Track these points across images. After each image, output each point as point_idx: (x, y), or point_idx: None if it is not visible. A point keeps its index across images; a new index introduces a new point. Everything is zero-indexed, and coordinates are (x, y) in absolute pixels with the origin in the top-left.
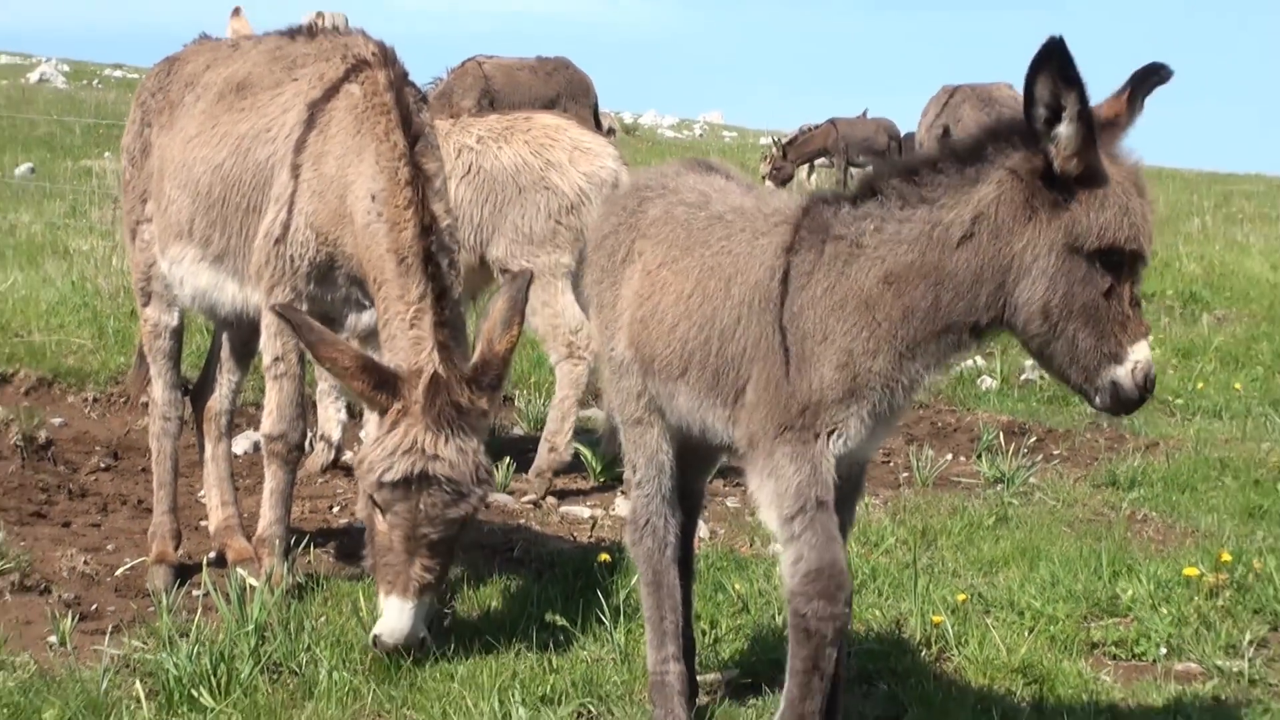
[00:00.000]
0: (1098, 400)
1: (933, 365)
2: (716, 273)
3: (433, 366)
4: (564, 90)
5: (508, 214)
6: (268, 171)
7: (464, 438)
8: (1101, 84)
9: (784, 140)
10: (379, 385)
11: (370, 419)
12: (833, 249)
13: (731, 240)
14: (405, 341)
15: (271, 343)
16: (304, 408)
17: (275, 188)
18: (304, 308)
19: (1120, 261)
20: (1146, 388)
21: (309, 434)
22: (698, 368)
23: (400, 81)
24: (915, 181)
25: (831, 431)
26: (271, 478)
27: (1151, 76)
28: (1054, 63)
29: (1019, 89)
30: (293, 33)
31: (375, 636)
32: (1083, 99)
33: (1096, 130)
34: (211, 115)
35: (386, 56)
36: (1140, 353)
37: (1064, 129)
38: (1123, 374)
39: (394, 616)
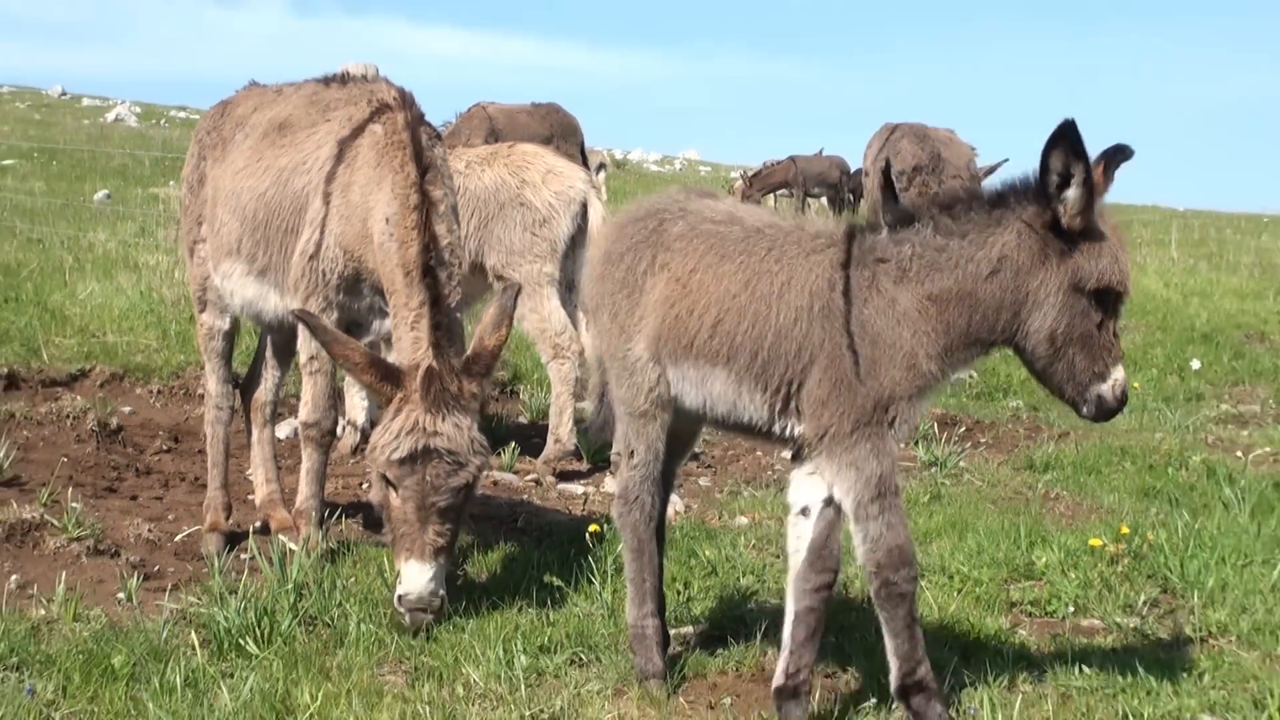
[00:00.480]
0: (1084, 410)
1: (958, 368)
2: (767, 277)
3: (428, 360)
4: (555, 130)
5: (492, 228)
6: (304, 199)
7: (458, 416)
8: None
9: (750, 173)
10: (383, 378)
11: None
12: (882, 269)
13: (779, 251)
14: (408, 341)
15: (307, 344)
16: (335, 399)
17: (309, 212)
18: (335, 315)
19: (1110, 299)
20: (1123, 400)
21: (340, 421)
22: (746, 356)
23: (416, 122)
24: (952, 215)
25: (894, 424)
26: (307, 458)
27: (1119, 155)
28: (1067, 140)
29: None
30: (328, 80)
31: (400, 597)
32: (1088, 169)
33: (1098, 195)
34: (257, 151)
35: (405, 100)
36: (1119, 373)
37: (1072, 193)
38: (1106, 389)
39: (414, 577)
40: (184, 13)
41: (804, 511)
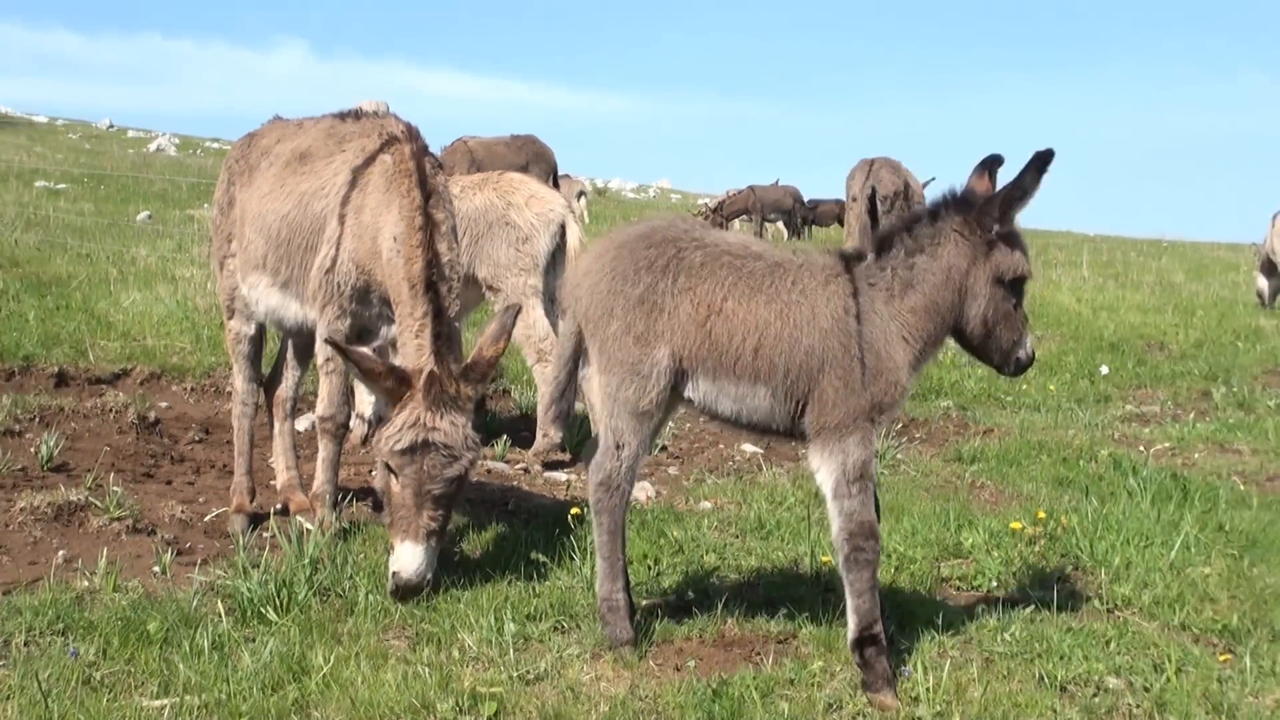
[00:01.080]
0: (1007, 370)
1: (925, 366)
2: (796, 307)
3: (430, 365)
4: (531, 159)
5: (482, 245)
6: (322, 219)
7: (455, 415)
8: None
9: (715, 201)
10: (396, 382)
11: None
12: (874, 293)
13: (801, 284)
14: (412, 348)
15: (324, 348)
16: (348, 395)
17: (327, 231)
18: (348, 322)
19: (1020, 285)
20: (1033, 359)
21: (351, 415)
22: (781, 374)
23: (421, 153)
24: (912, 235)
25: (879, 421)
26: (323, 448)
27: (995, 162)
28: (990, 166)
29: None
30: (343, 115)
31: (394, 573)
32: (1022, 189)
33: (1021, 205)
34: (281, 178)
35: (411, 134)
36: (1029, 339)
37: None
38: (1023, 354)
39: (408, 556)
40: (218, 56)
41: None
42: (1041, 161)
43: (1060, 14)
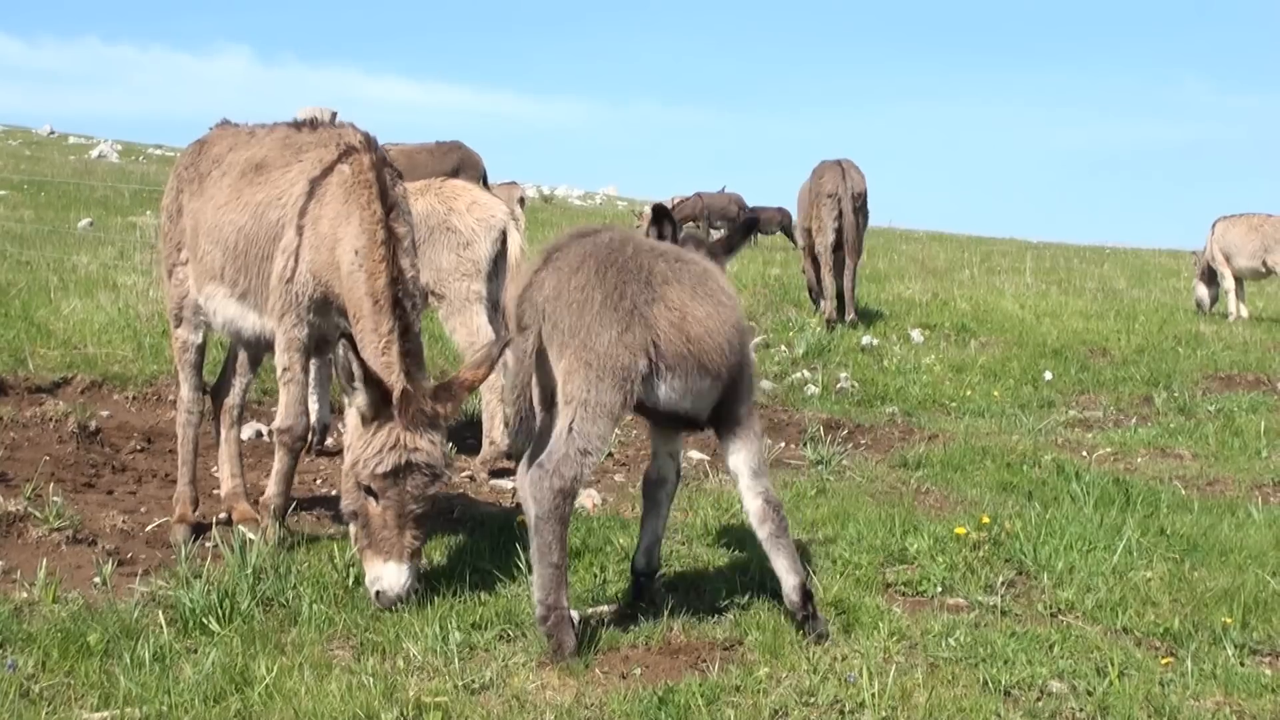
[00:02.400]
0: None
1: None
2: (731, 308)
3: (402, 383)
4: (459, 165)
5: (425, 251)
6: (278, 229)
7: (433, 433)
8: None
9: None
10: (382, 396)
11: (351, 424)
12: None
13: (723, 285)
14: (379, 365)
15: (283, 357)
16: (305, 406)
17: (284, 241)
18: (306, 331)
19: None
20: None
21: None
22: (727, 368)
23: (380, 163)
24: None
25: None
26: (278, 460)
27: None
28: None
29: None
30: (299, 125)
31: (378, 593)
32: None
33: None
34: (236, 188)
35: (369, 144)
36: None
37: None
38: None
39: (393, 576)
40: (158, 61)
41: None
42: (749, 226)
43: (1002, 23)
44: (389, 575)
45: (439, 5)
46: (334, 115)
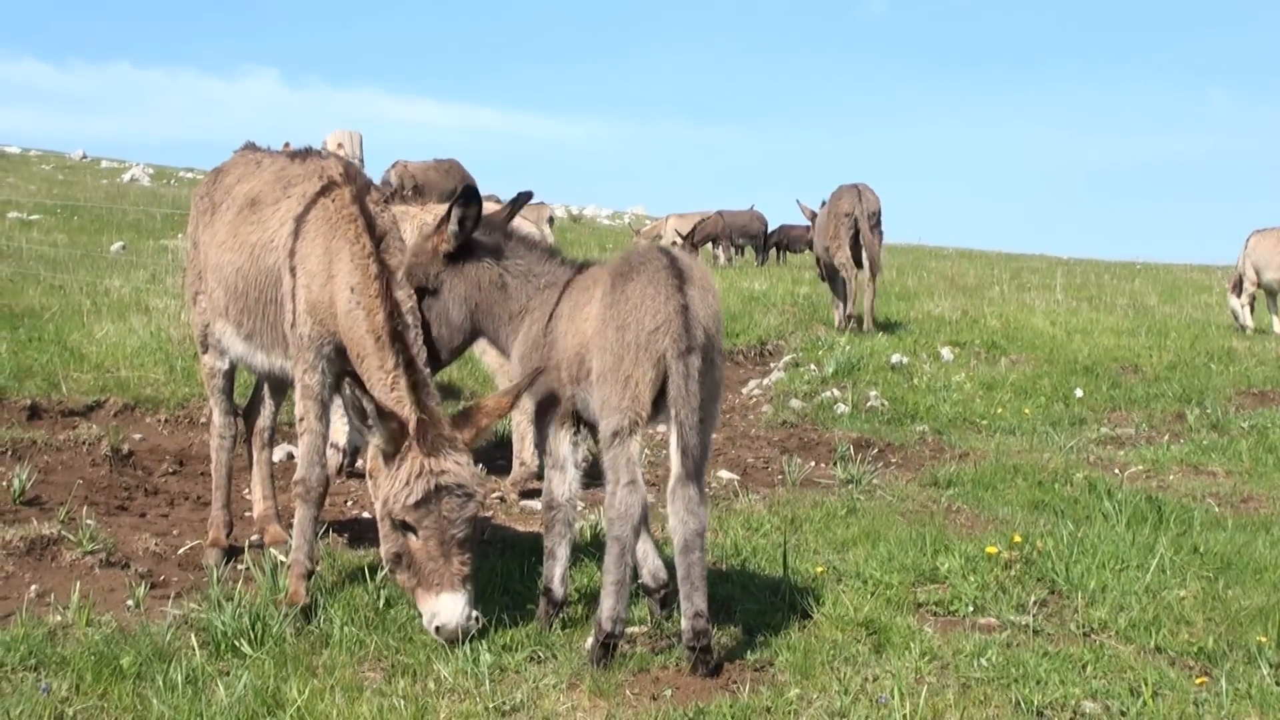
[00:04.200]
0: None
1: None
2: None
3: (415, 414)
4: (458, 182)
5: None
6: (276, 274)
7: (456, 455)
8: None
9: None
10: (400, 430)
11: (375, 468)
12: None
13: None
14: (389, 402)
15: (299, 405)
16: (324, 456)
17: (283, 286)
18: (317, 376)
19: None
20: None
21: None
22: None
23: (363, 193)
24: None
25: None
26: (297, 512)
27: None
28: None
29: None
30: (293, 155)
31: (438, 628)
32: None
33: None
34: (234, 226)
35: (350, 175)
36: None
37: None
38: None
39: (450, 608)
40: (189, 86)
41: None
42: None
43: (1029, 41)
44: (445, 608)
45: (464, 27)
46: (360, 140)
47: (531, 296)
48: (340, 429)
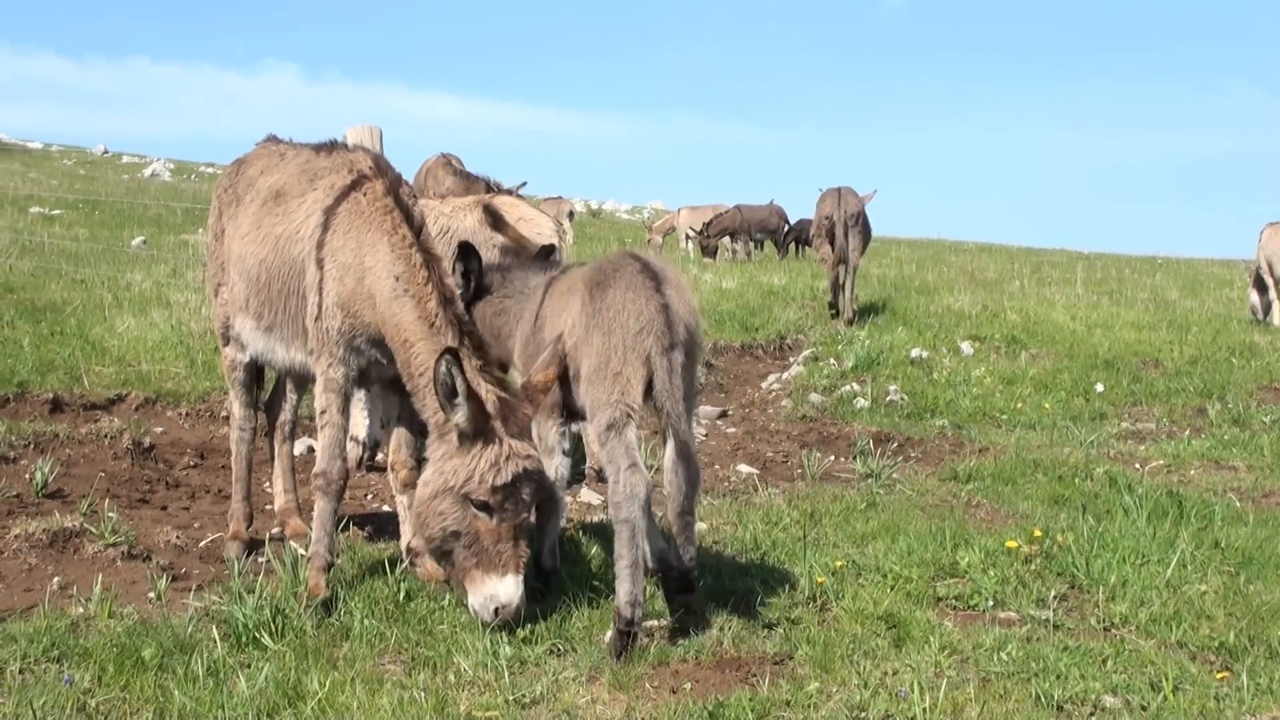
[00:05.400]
0: None
1: None
2: None
3: (494, 396)
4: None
5: None
6: (300, 265)
7: (529, 441)
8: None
9: (705, 222)
10: (481, 413)
11: (444, 445)
12: None
13: None
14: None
15: (320, 398)
16: (344, 450)
17: (307, 278)
18: (341, 370)
19: None
20: None
21: (348, 469)
22: None
23: (395, 185)
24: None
25: None
26: (316, 505)
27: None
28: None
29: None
30: (318, 148)
31: (497, 609)
32: None
33: None
34: (258, 218)
35: (381, 168)
36: None
37: None
38: None
39: (511, 589)
40: (208, 81)
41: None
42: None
43: (1049, 35)
44: (506, 589)
45: (485, 23)
46: (380, 135)
47: (523, 305)
48: (360, 422)
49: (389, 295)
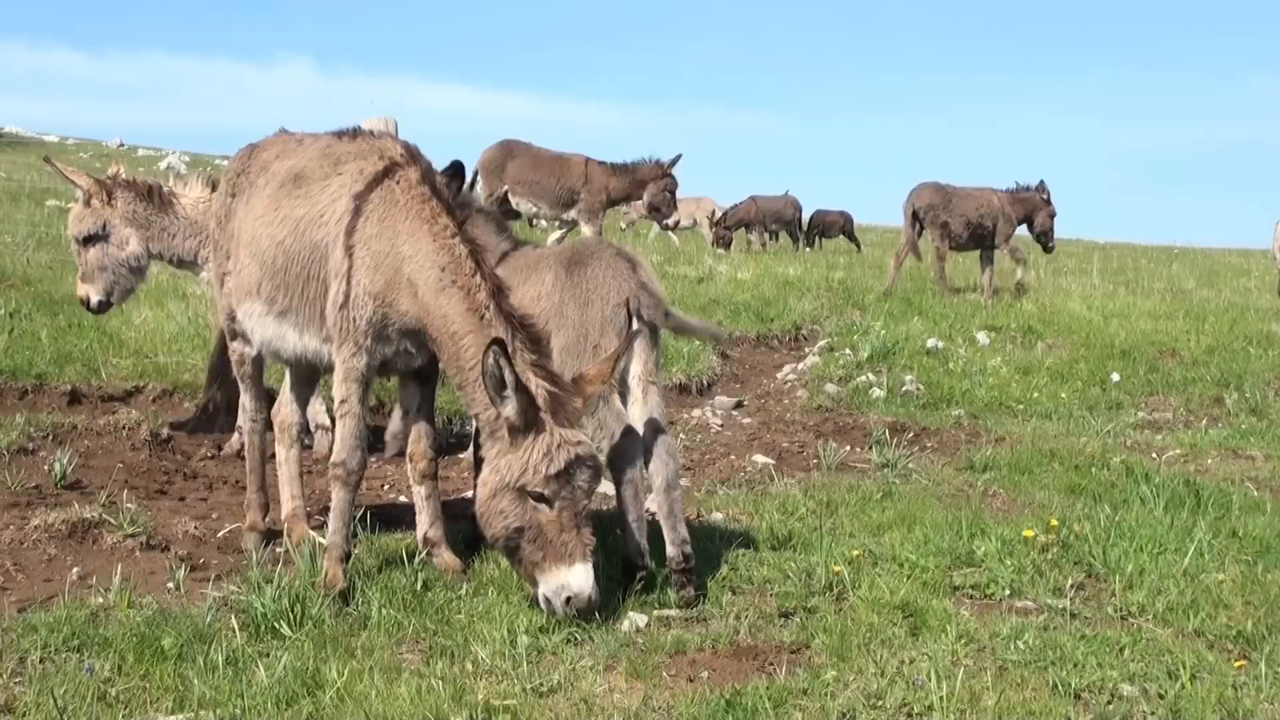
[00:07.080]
0: None
1: None
2: None
3: (544, 389)
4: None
5: None
6: (323, 250)
7: (579, 429)
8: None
9: (721, 213)
10: (531, 405)
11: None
12: None
13: None
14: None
15: (340, 387)
16: (365, 440)
17: (331, 263)
18: (365, 360)
19: None
20: None
21: (367, 459)
22: None
23: (428, 174)
24: None
25: None
26: (334, 496)
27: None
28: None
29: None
30: (340, 134)
31: (568, 599)
32: None
33: None
34: (275, 200)
35: (412, 155)
36: None
37: None
38: None
39: (582, 577)
40: (222, 74)
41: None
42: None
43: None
44: (578, 578)
45: (500, 13)
46: (395, 125)
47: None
48: (319, 409)
49: (435, 286)
